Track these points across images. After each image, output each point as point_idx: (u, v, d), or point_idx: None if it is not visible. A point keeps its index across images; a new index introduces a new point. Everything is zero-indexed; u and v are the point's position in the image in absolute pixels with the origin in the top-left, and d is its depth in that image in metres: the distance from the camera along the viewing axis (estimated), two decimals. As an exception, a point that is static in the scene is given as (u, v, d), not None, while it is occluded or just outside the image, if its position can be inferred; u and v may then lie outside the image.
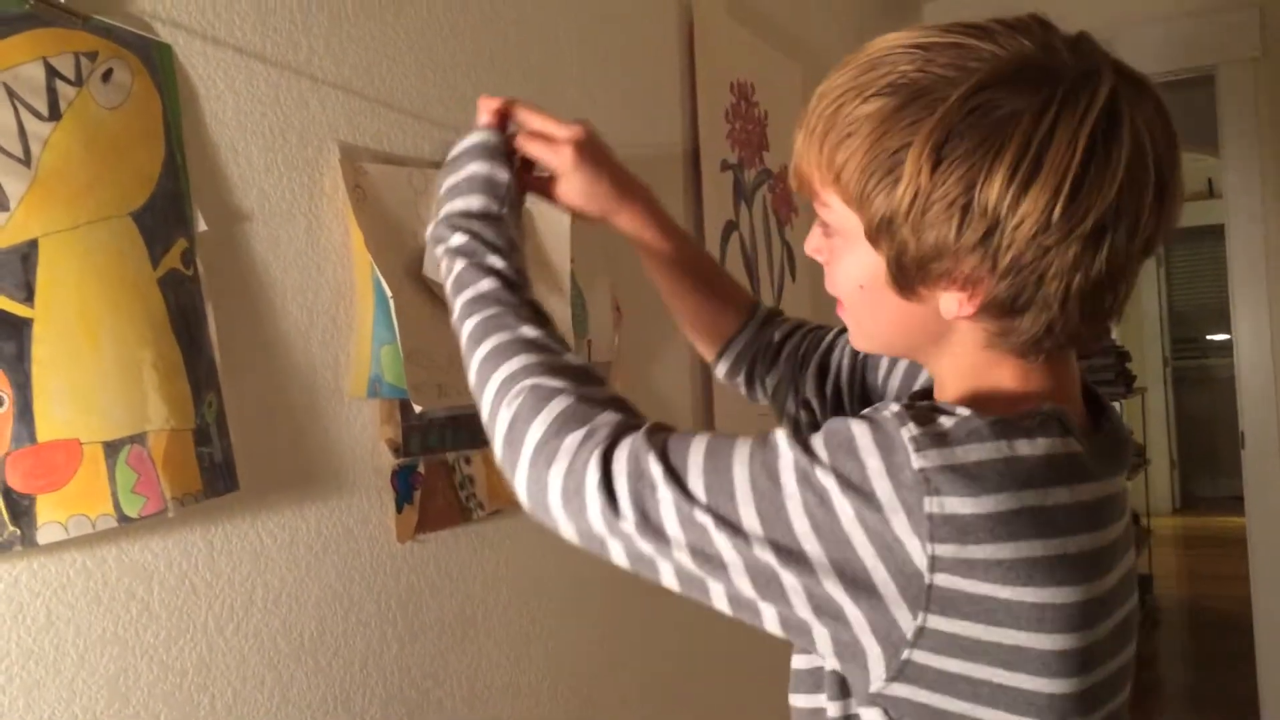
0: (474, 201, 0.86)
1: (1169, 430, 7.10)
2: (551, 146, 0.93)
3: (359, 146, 1.14)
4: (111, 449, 0.85)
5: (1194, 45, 2.81)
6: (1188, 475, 7.27)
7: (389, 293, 1.10)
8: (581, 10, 1.53)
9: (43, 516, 0.81)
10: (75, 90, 0.85)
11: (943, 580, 0.61)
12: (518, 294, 0.82)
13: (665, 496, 0.66)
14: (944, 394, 0.75)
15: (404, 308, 1.12)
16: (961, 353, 0.72)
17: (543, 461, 0.71)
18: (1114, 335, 5.18)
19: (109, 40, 0.88)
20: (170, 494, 0.88)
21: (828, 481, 0.63)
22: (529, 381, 0.74)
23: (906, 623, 0.62)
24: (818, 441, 0.65)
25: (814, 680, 0.74)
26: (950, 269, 0.65)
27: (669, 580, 0.68)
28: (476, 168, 0.87)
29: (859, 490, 0.62)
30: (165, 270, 0.91)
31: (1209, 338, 7.05)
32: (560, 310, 1.39)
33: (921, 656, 0.63)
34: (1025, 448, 0.63)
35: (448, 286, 0.84)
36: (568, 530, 0.71)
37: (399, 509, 1.16)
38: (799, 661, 0.77)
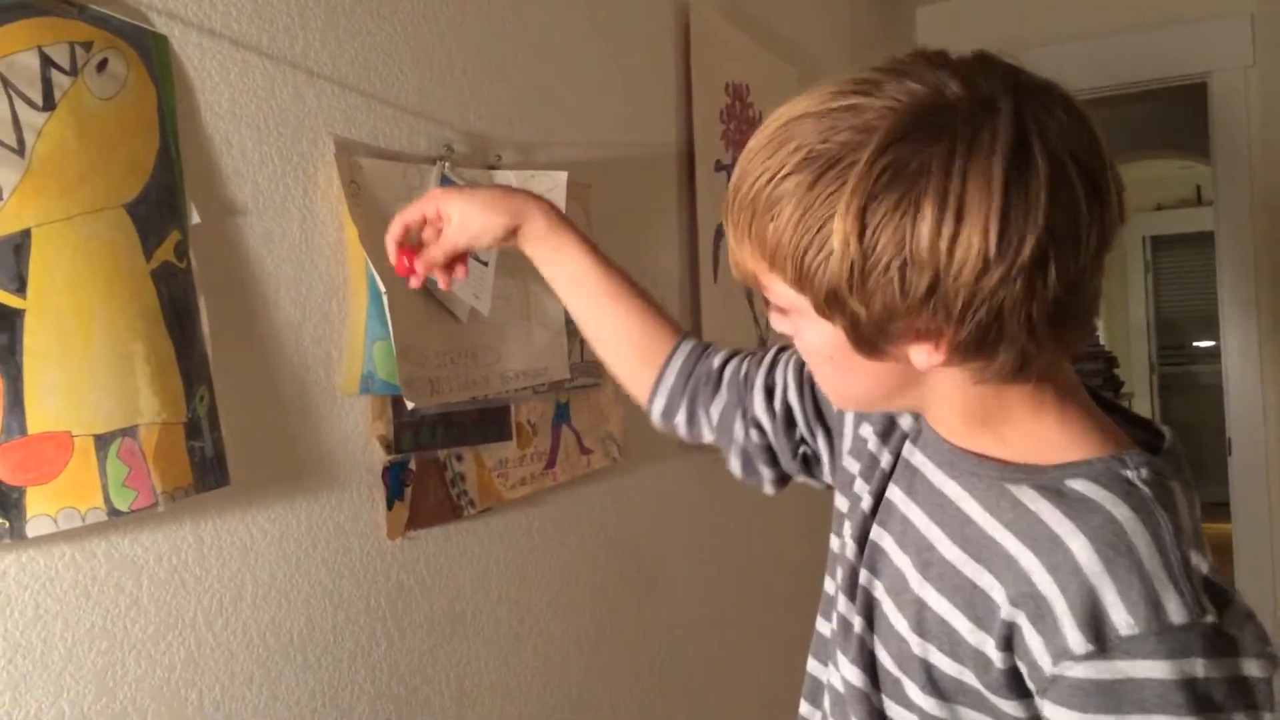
0: None
1: (1155, 436, 7.13)
2: (420, 199, 1.02)
3: (354, 141, 1.14)
4: (102, 442, 0.84)
5: (1186, 53, 2.82)
6: (1174, 481, 7.30)
7: (383, 288, 1.09)
8: (577, 10, 1.53)
9: (32, 509, 0.80)
10: (70, 80, 0.85)
11: None
12: None
13: None
14: (949, 428, 0.75)
15: (398, 304, 1.12)
16: (952, 390, 0.71)
17: None
18: (1102, 341, 5.20)
19: (105, 30, 0.88)
20: (161, 488, 0.88)
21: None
22: None
23: None
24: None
25: None
26: (909, 325, 0.64)
27: None
28: None
29: None
30: (158, 262, 0.91)
31: (1196, 344, 7.07)
32: (553, 312, 1.39)
33: None
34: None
35: None
36: None
37: (390, 506, 1.16)
38: None
